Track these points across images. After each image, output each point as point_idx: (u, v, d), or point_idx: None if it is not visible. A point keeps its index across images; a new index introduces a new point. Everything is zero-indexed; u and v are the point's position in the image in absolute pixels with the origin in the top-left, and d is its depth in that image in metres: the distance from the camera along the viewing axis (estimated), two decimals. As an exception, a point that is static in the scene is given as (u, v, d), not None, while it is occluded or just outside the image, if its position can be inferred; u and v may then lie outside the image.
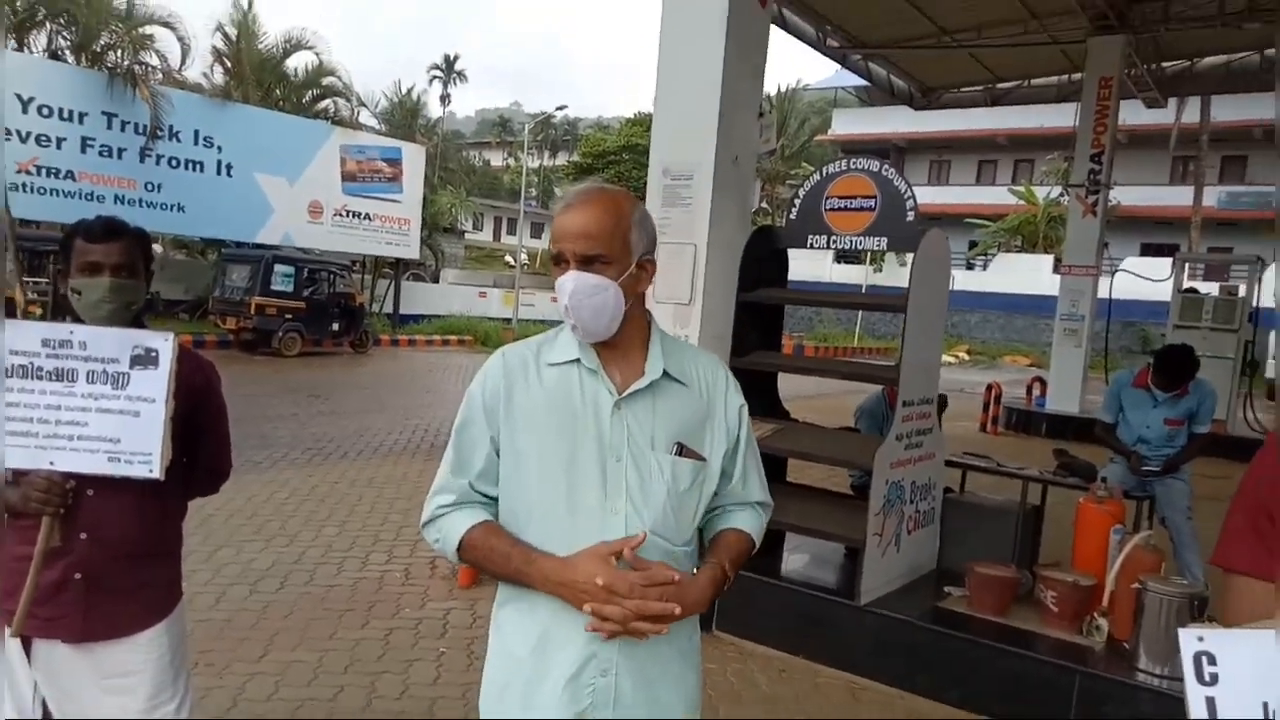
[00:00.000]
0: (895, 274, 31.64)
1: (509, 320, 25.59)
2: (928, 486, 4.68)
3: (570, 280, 1.52)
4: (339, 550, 5.51)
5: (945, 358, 23.25)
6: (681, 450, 1.57)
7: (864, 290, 29.40)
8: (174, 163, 17.25)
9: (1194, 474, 5.26)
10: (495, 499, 1.59)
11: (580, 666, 1.50)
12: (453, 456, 1.59)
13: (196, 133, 17.55)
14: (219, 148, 17.90)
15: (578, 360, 1.57)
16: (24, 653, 1.99)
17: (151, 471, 1.87)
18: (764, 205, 33.91)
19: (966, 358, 28.42)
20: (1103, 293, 12.99)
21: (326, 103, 22.30)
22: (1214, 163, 30.63)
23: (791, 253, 5.13)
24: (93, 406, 1.85)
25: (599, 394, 1.55)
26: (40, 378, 1.85)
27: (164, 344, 1.88)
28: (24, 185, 15.29)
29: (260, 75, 20.50)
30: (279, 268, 16.85)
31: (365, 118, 24.49)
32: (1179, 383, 5.03)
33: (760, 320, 5.07)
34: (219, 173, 17.94)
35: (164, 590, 2.14)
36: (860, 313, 32.09)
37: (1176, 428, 5.07)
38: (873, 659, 4.13)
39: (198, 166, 17.67)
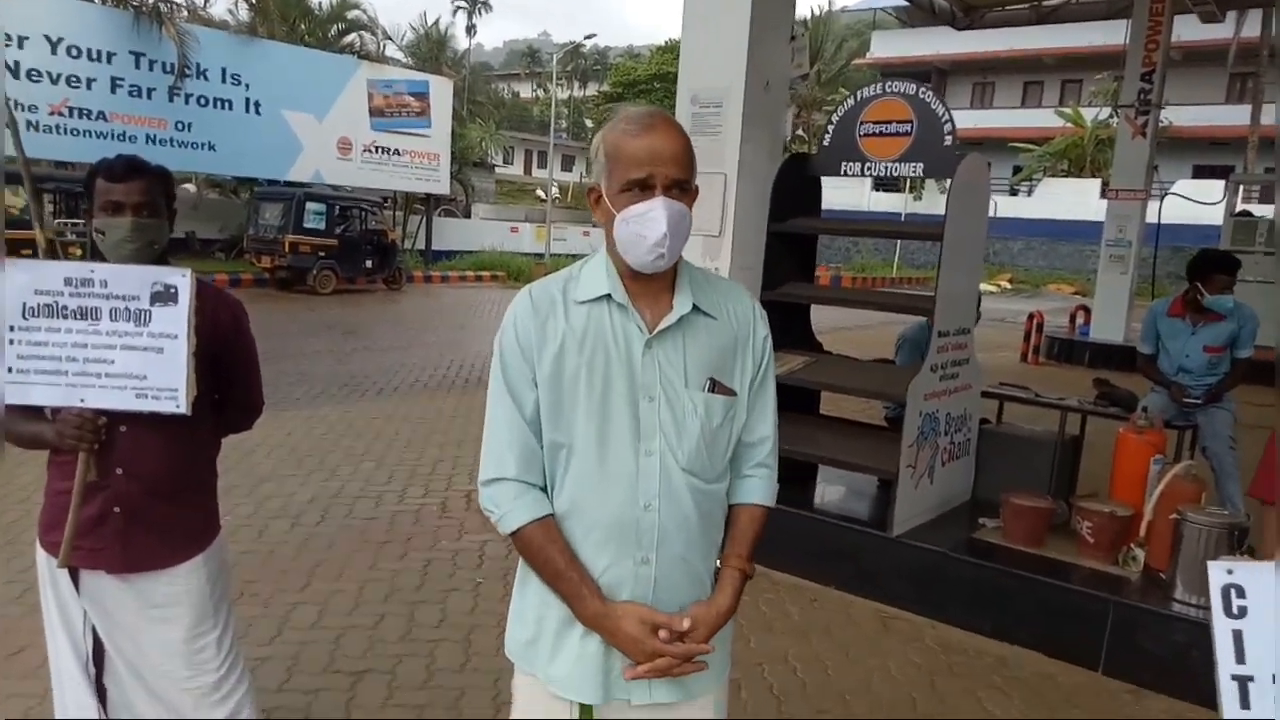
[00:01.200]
0: (936, 201, 30.92)
1: (541, 255, 25.56)
2: (963, 418, 4.62)
3: (664, 207, 1.44)
4: (377, 484, 5.60)
5: (987, 287, 22.89)
6: (714, 386, 1.53)
7: (903, 218, 28.82)
8: (203, 101, 17.23)
9: (1239, 402, 5.13)
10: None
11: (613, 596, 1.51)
12: (504, 408, 1.52)
13: (224, 70, 17.47)
14: (247, 85, 17.82)
15: (608, 296, 1.51)
16: (72, 583, 2.06)
17: (178, 407, 1.88)
18: (800, 133, 33.14)
19: (1009, 286, 27.93)
20: (1151, 218, 12.60)
21: (352, 37, 22.09)
22: (1275, 79, 29.26)
23: (828, 181, 5.00)
24: (118, 344, 1.87)
25: (629, 332, 1.50)
26: (65, 316, 1.86)
27: (182, 280, 1.87)
28: (57, 127, 15.39)
29: (285, 10, 20.32)
30: (311, 205, 16.89)
31: (391, 51, 24.32)
32: (1217, 284, 4.81)
33: (793, 251, 4.98)
34: (248, 110, 17.90)
35: (201, 523, 2.19)
36: (899, 242, 31.53)
37: (1218, 355, 4.93)
38: (904, 589, 4.14)
39: (226, 105, 17.63)
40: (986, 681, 3.52)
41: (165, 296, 1.86)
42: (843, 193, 29.65)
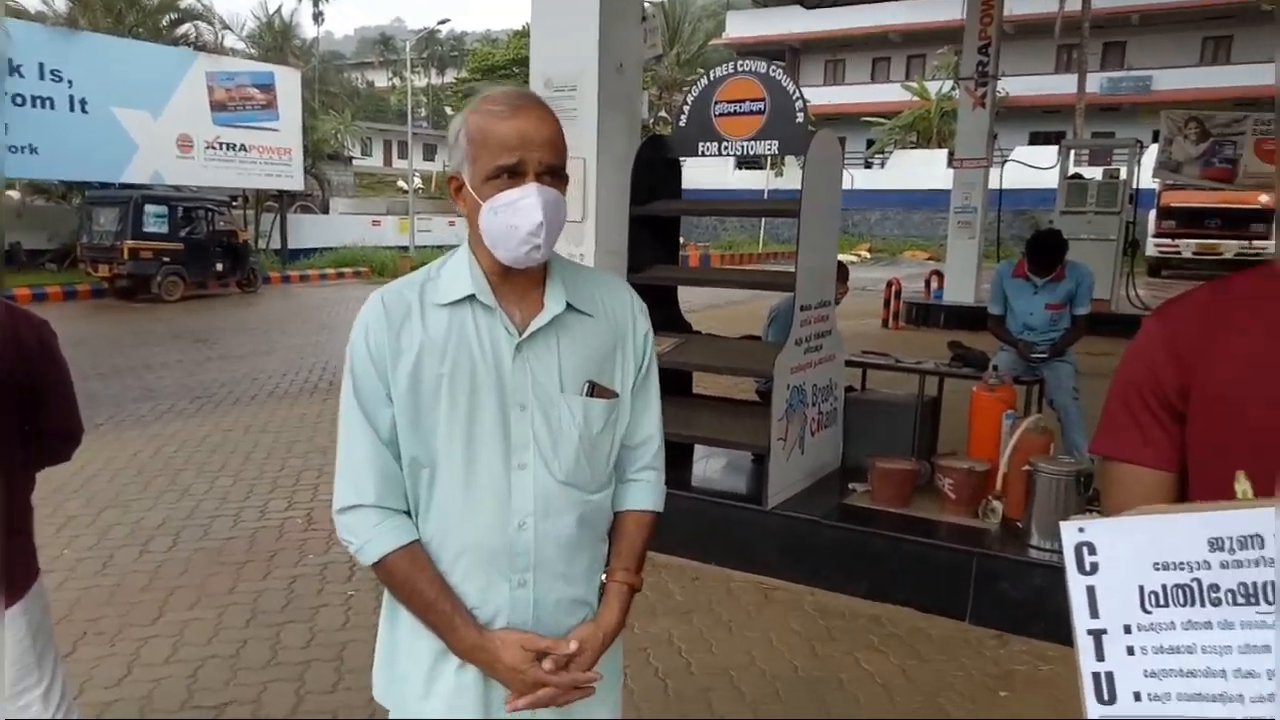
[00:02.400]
0: (796, 177, 31.67)
1: (406, 248, 24.82)
2: (829, 388, 4.72)
3: (538, 194, 1.31)
4: (235, 500, 5.29)
5: (848, 257, 23.68)
6: (593, 389, 1.41)
7: (766, 195, 29.47)
8: (19, 100, 15.81)
9: (1079, 354, 5.46)
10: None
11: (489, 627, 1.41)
12: (357, 428, 1.37)
13: (41, 66, 16.07)
14: (70, 82, 16.46)
15: (471, 296, 1.37)
16: None
17: None
18: (663, 114, 33.39)
19: (868, 255, 29.00)
20: (994, 183, 13.28)
21: (186, 27, 20.84)
22: (1095, 49, 31.39)
23: (692, 161, 5.00)
24: None
25: (496, 335, 1.37)
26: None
27: None
28: None
29: (108, 0, 18.86)
30: (150, 208, 15.79)
31: (231, 42, 22.99)
32: (1050, 267, 5.16)
33: (656, 233, 4.95)
34: (72, 109, 16.55)
35: (17, 569, 1.95)
36: (763, 219, 32.26)
37: (1058, 312, 5.22)
38: (782, 559, 4.21)
39: (46, 103, 16.25)
40: (864, 642, 3.61)
41: None
42: (706, 171, 29.97)
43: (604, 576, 1.49)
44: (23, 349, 1.88)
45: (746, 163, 32.30)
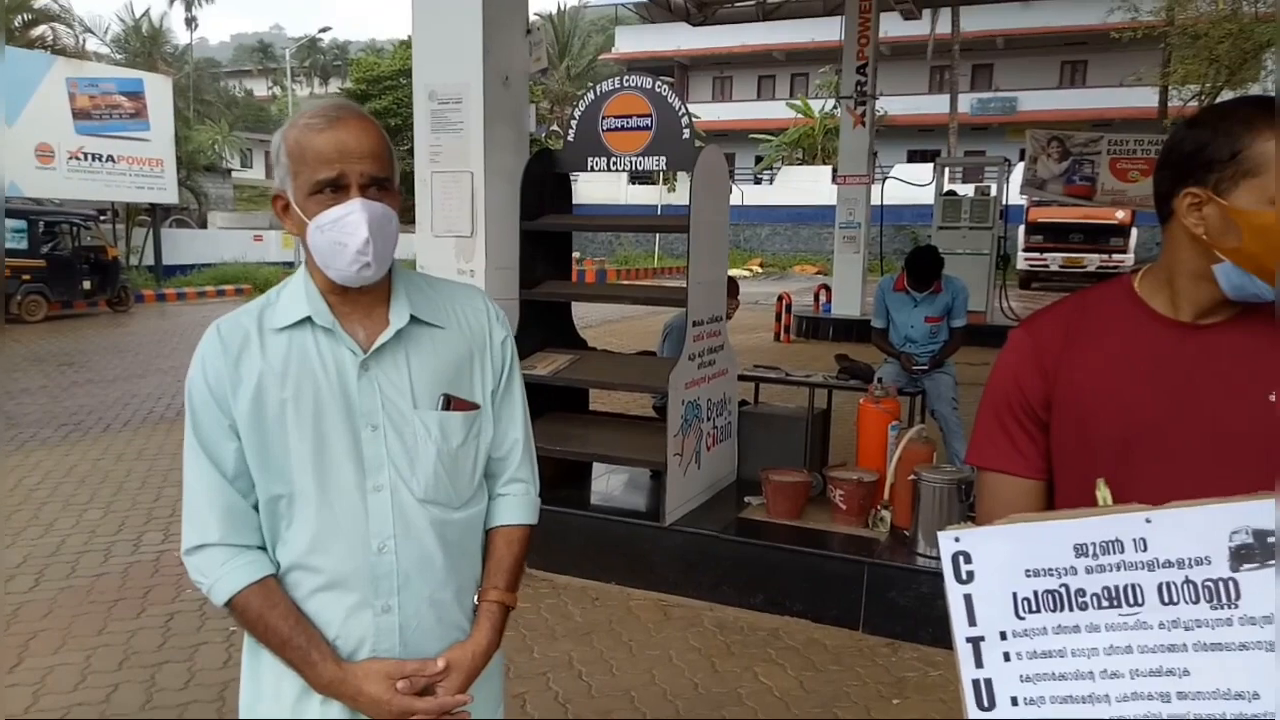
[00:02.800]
0: (688, 193, 32.18)
1: (290, 264, 23.96)
2: (723, 402, 4.79)
3: (363, 208, 1.27)
4: (105, 534, 4.97)
5: (740, 271, 24.10)
6: (449, 403, 1.38)
7: (659, 210, 29.80)
8: None
9: (958, 365, 5.70)
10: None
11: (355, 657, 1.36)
12: (198, 466, 1.33)
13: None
14: (-89, 85, 15.29)
15: (309, 319, 1.34)
16: None
17: None
18: (555, 128, 33.37)
19: (760, 270, 29.61)
20: (875, 199, 13.79)
21: (42, 29, 19.60)
22: (965, 71, 33.08)
23: (586, 175, 5.02)
24: None
25: (340, 356, 1.34)
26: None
27: None
28: None
29: (-46, -2, 17.61)
30: (7, 222, 14.79)
31: (94, 46, 21.76)
32: (928, 282, 5.38)
33: (548, 248, 4.92)
34: (-86, 115, 15.38)
35: None
36: (657, 235, 32.60)
37: (937, 324, 5.45)
38: (681, 576, 4.23)
39: (-115, 108, 15.05)
40: (762, 655, 3.65)
41: None
42: (599, 186, 30.20)
43: (475, 598, 1.45)
44: None
45: (639, 178, 32.60)
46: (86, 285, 15.88)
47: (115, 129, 18.59)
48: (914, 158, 33.76)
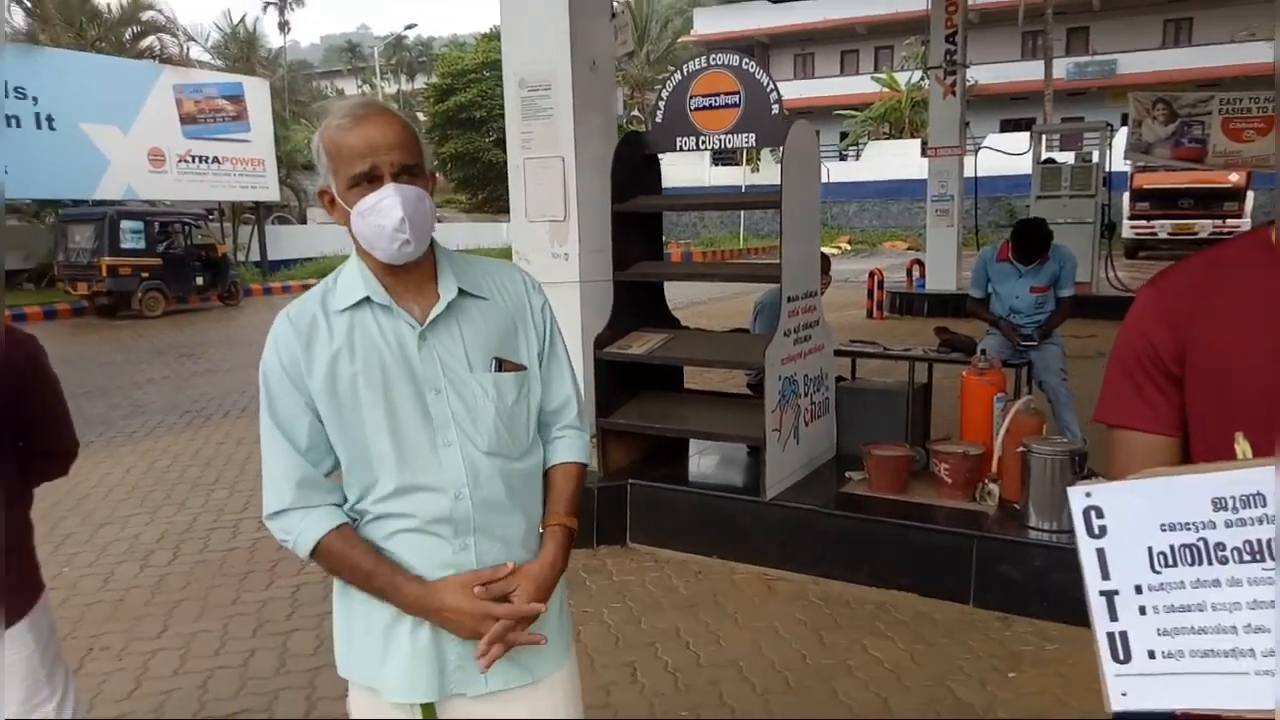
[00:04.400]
0: (772, 172, 31.78)
1: (385, 256, 24.66)
2: (820, 378, 4.77)
3: (396, 192, 1.41)
4: (232, 512, 5.27)
5: (828, 249, 23.73)
6: (501, 365, 1.52)
7: (744, 190, 29.55)
8: (-15, 119, 15.66)
9: (1065, 336, 5.53)
10: (333, 470, 1.51)
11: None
12: (275, 443, 1.48)
13: (5, 84, 15.90)
14: (34, 99, 16.29)
15: (367, 299, 1.47)
16: None
17: None
18: (635, 113, 33.40)
19: (848, 247, 29.14)
20: (968, 171, 13.41)
21: (150, 40, 20.62)
22: (1059, 35, 31.70)
23: (670, 157, 5.02)
24: None
25: (400, 330, 1.47)
26: None
27: None
28: None
29: (68, 14, 18.65)
30: (126, 224, 15.65)
31: (196, 53, 22.76)
32: (1035, 254, 5.23)
33: (639, 230, 4.97)
34: (39, 126, 16.38)
35: (15, 588, 1.94)
36: (742, 214, 32.36)
37: (1043, 294, 5.29)
38: (783, 550, 4.25)
39: (13, 121, 16.06)
40: (870, 629, 3.65)
41: None
42: (682, 169, 30.09)
43: (541, 527, 1.58)
44: (10, 368, 1.87)
45: (723, 158, 32.37)
46: (199, 281, 16.72)
47: (219, 131, 19.49)
48: (1007, 127, 32.57)
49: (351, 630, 1.54)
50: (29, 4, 18.27)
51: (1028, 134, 15.57)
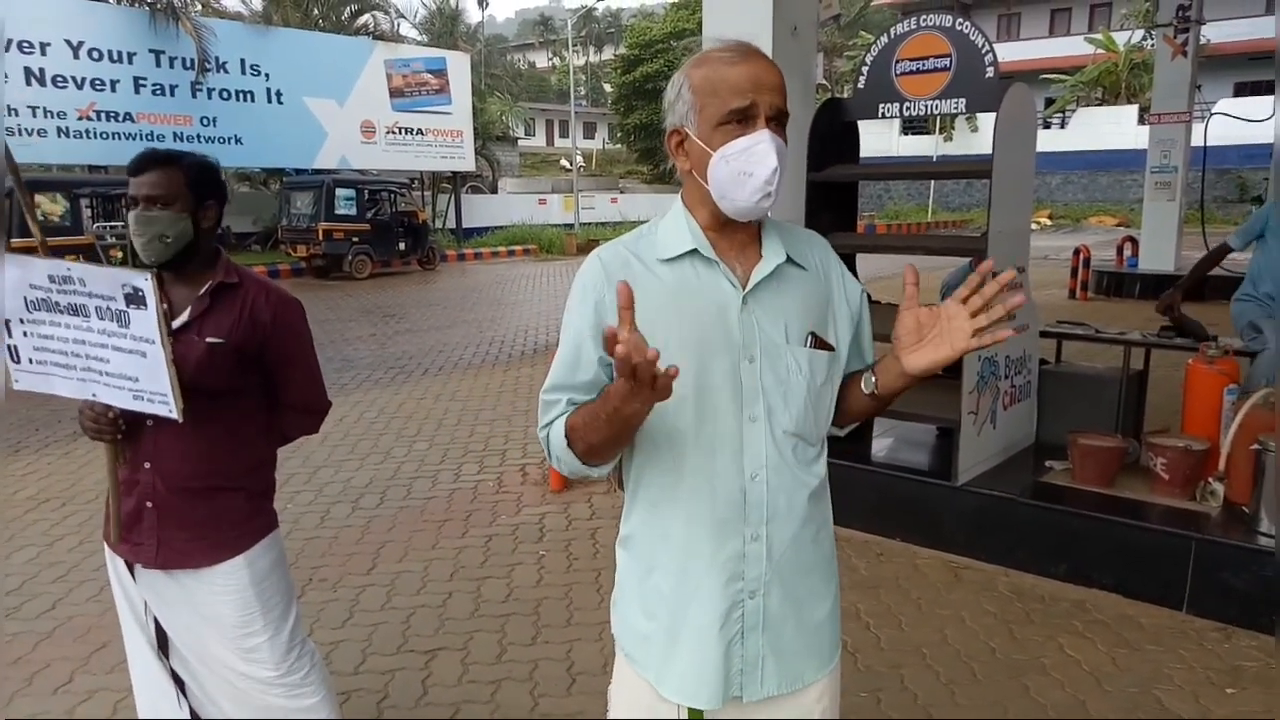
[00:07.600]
0: (966, 142, 30.20)
1: (570, 226, 25.45)
2: (1023, 360, 4.50)
3: (771, 139, 1.30)
4: (431, 464, 5.63)
5: (1023, 225, 22.33)
6: (815, 341, 1.41)
7: (934, 160, 28.23)
8: (225, 95, 17.31)
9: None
10: None
11: (726, 582, 1.39)
12: (559, 370, 1.40)
13: (243, 62, 17.52)
14: (266, 75, 17.87)
15: (694, 251, 1.37)
16: (130, 575, 2.07)
17: (170, 412, 1.82)
18: (823, 81, 32.51)
19: (1049, 222, 27.33)
20: (1196, 140, 12.17)
21: (365, 18, 22.00)
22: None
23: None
24: (109, 343, 1.82)
25: (721, 289, 1.36)
26: (60, 311, 1.83)
27: (144, 283, 1.76)
28: (87, 131, 15.55)
29: (298, -5, 20.26)
30: (340, 191, 16.93)
31: (405, 30, 24.12)
32: None
33: (833, 200, 4.84)
34: (270, 100, 17.96)
35: (237, 526, 2.06)
36: (932, 186, 30.96)
37: None
38: (972, 538, 4.07)
39: (248, 96, 17.70)
40: (1066, 627, 3.44)
41: (136, 299, 1.76)
42: (870, 138, 28.96)
43: (874, 378, 1.42)
44: (258, 324, 2.01)
45: (913, 127, 31.03)
46: (402, 246, 17.87)
47: (423, 104, 20.65)
48: (1241, 91, 29.27)
49: (644, 608, 1.44)
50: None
51: (1270, 98, 13.91)
